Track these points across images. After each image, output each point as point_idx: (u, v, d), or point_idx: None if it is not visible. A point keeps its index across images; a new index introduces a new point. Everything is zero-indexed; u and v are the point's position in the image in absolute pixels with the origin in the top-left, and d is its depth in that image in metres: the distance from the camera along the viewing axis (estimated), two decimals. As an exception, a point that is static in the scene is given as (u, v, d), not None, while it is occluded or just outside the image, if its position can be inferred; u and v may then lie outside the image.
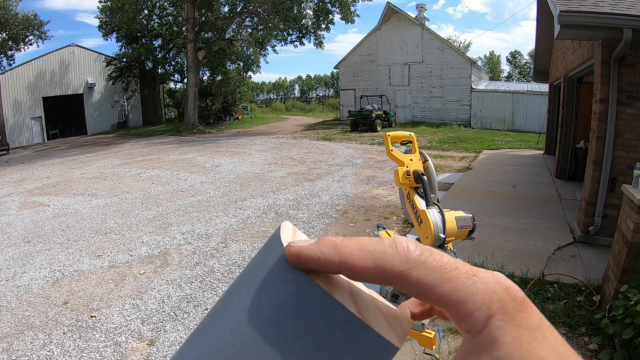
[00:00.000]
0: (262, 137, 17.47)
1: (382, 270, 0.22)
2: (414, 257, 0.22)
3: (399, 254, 0.22)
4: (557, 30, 4.23)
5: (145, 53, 24.20)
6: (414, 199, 1.71)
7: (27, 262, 4.75)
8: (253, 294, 0.24)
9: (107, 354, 2.97)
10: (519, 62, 53.02)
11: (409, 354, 2.78)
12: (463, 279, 0.22)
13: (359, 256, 0.22)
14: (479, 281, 0.22)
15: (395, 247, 0.22)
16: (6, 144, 17.88)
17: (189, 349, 0.25)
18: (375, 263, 0.22)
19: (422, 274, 0.22)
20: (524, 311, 0.21)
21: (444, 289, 0.21)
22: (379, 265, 0.22)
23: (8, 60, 22.56)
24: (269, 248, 0.26)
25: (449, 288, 0.21)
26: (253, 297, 0.24)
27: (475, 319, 0.21)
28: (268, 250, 0.26)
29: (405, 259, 0.22)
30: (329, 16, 21.51)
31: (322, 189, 7.83)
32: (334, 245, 0.23)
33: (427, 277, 0.22)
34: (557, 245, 4.60)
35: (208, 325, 0.25)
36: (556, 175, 8.18)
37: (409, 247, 0.22)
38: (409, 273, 0.22)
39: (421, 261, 0.22)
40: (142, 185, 8.66)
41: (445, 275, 0.22)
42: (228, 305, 0.25)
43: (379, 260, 0.22)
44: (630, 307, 2.52)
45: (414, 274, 0.22)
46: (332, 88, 62.66)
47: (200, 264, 4.51)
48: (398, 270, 0.22)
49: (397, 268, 0.22)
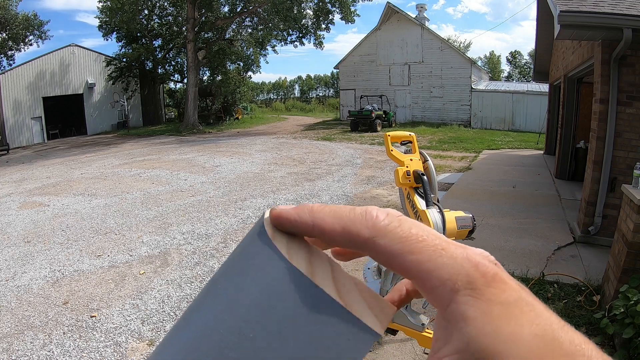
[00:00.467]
0: (262, 137, 17.48)
1: (350, 236, 0.23)
2: (381, 226, 0.22)
3: (367, 221, 0.23)
4: (557, 30, 4.23)
5: (145, 53, 24.20)
6: (414, 199, 1.71)
7: (27, 262, 4.75)
8: (237, 280, 0.25)
9: (107, 354, 2.97)
10: (519, 62, 53.04)
11: (409, 354, 2.78)
12: (430, 252, 0.21)
13: (330, 221, 0.24)
14: (447, 255, 0.21)
15: (365, 215, 0.23)
16: (6, 144, 17.88)
17: (175, 336, 0.25)
18: (343, 228, 0.23)
19: (387, 242, 0.22)
20: (495, 287, 0.20)
21: (409, 259, 0.21)
22: (347, 230, 0.23)
23: (8, 60, 22.59)
24: (253, 235, 0.27)
25: (413, 259, 0.21)
26: (237, 284, 0.24)
27: (440, 293, 0.21)
28: (252, 237, 0.26)
29: (372, 226, 0.22)
30: (329, 16, 21.52)
31: (322, 189, 7.83)
32: (310, 210, 0.24)
33: (392, 246, 0.22)
34: (557, 245, 4.60)
35: (193, 312, 0.25)
36: (556, 175, 8.18)
37: (377, 215, 0.23)
38: (375, 240, 0.22)
39: (388, 230, 0.22)
40: (142, 185, 8.66)
41: (411, 246, 0.22)
42: (212, 292, 0.25)
43: (347, 226, 0.23)
44: (630, 307, 2.52)
45: (379, 242, 0.22)
46: (332, 88, 62.69)
47: (200, 264, 4.51)
48: (364, 236, 0.22)
49: (364, 234, 0.22)
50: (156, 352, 0.25)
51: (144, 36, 25.41)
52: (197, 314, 0.25)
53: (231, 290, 0.24)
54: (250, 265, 0.25)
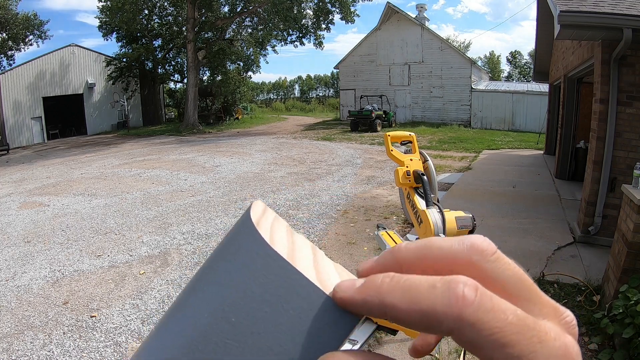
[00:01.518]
0: (262, 137, 17.47)
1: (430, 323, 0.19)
2: (471, 311, 0.18)
3: (451, 305, 0.18)
4: (557, 30, 4.23)
5: (145, 53, 24.19)
6: (414, 199, 1.71)
7: (27, 262, 4.74)
8: (223, 266, 0.25)
9: (107, 354, 2.97)
10: (519, 62, 53.03)
11: (409, 354, 2.77)
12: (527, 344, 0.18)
13: (405, 307, 0.20)
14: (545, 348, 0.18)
15: (448, 295, 0.19)
16: (6, 144, 17.88)
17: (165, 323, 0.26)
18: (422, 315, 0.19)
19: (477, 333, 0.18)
20: None
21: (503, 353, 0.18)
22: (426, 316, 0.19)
23: (8, 60, 22.60)
24: (239, 224, 0.28)
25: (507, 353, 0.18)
26: (223, 270, 0.25)
27: None
28: (238, 226, 0.27)
29: (459, 312, 0.18)
30: (329, 16, 21.52)
31: (322, 189, 7.83)
32: (377, 291, 0.21)
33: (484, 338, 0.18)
34: (557, 245, 4.60)
35: (184, 298, 0.26)
36: (556, 175, 8.18)
37: (465, 295, 0.19)
38: (462, 329, 0.19)
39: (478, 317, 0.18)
40: (142, 185, 8.66)
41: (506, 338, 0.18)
42: (200, 279, 0.26)
43: (426, 312, 0.19)
44: (630, 307, 2.52)
45: (467, 331, 0.18)
46: (332, 88, 62.67)
47: (200, 264, 4.51)
48: (449, 325, 0.19)
49: (448, 323, 0.19)
50: (148, 342, 0.26)
51: (144, 36, 25.41)
52: (187, 300, 0.26)
53: (217, 276, 0.25)
54: (235, 252, 0.26)
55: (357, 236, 5.23)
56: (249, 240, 0.26)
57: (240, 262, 0.25)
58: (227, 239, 0.27)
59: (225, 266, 0.25)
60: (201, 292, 0.25)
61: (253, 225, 0.26)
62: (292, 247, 0.26)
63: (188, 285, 0.27)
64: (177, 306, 0.26)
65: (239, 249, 0.26)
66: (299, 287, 0.24)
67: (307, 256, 0.26)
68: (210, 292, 0.25)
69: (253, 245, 0.26)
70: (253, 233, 0.26)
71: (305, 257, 0.26)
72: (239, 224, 0.27)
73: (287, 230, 0.27)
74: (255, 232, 0.26)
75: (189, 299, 0.26)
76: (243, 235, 0.26)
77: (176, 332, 0.24)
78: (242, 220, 0.27)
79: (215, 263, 0.26)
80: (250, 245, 0.26)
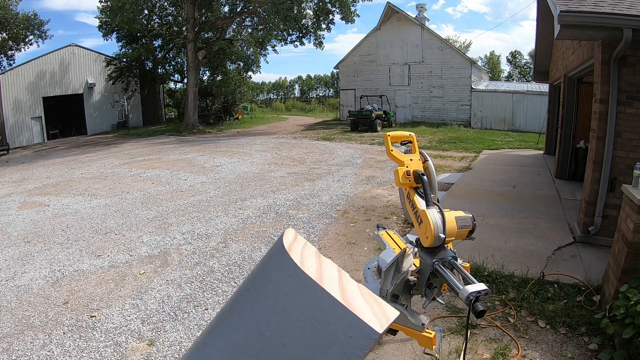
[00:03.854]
0: (262, 137, 17.47)
1: None
2: None
3: None
4: (557, 30, 4.23)
5: (145, 53, 24.19)
6: (414, 199, 1.71)
7: (27, 262, 4.75)
8: (259, 287, 0.30)
9: (107, 354, 2.97)
10: (519, 62, 52.96)
11: (409, 354, 2.78)
12: None
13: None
14: None
15: None
16: (6, 144, 17.88)
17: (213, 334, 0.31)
18: None
19: None
20: None
21: None
22: None
23: (8, 60, 22.60)
24: (273, 249, 0.32)
25: None
26: (259, 290, 0.30)
27: None
28: (273, 250, 0.32)
29: None
30: (329, 16, 21.52)
31: (322, 189, 7.83)
32: None
33: None
34: (557, 245, 4.60)
35: (222, 320, 0.31)
36: (556, 175, 8.18)
37: None
38: None
39: None
40: (142, 185, 8.66)
41: None
42: (240, 299, 0.31)
43: None
44: (630, 307, 2.52)
45: None
46: (332, 88, 62.62)
47: (200, 264, 4.51)
48: None
49: None
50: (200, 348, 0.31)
51: (144, 36, 25.40)
52: (226, 318, 0.30)
53: (254, 296, 0.30)
54: (269, 273, 0.31)
55: (357, 236, 5.23)
56: (281, 264, 0.30)
57: (274, 282, 0.29)
58: (261, 262, 0.32)
59: (260, 285, 0.30)
60: (238, 311, 0.29)
61: (285, 250, 0.31)
62: (320, 270, 0.30)
63: (227, 304, 0.32)
64: (217, 324, 0.30)
65: (273, 271, 0.30)
66: (325, 305, 0.28)
67: (333, 277, 0.29)
68: (246, 311, 0.29)
69: (285, 268, 0.30)
70: (285, 257, 0.30)
71: (331, 278, 0.29)
72: (273, 249, 0.32)
73: (316, 255, 0.32)
74: (287, 256, 0.30)
75: (228, 317, 0.30)
76: (276, 259, 0.31)
77: (217, 348, 0.28)
78: (275, 246, 0.32)
79: (251, 284, 0.31)
80: (283, 268, 0.30)
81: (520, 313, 3.26)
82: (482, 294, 1.37)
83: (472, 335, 2.96)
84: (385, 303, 0.28)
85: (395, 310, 0.28)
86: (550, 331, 3.01)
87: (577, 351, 2.78)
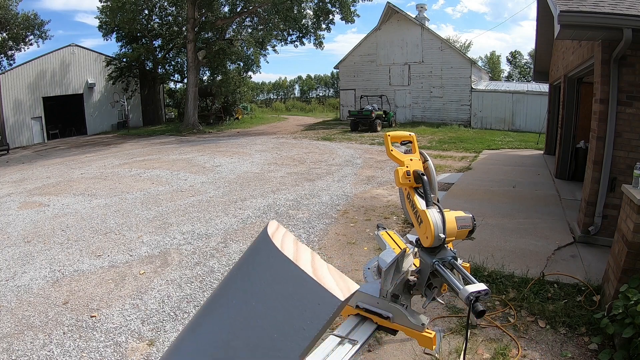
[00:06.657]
0: (262, 137, 17.47)
1: None
2: None
3: None
4: (557, 30, 4.23)
5: (145, 53, 24.19)
6: (414, 199, 1.71)
7: (27, 262, 4.74)
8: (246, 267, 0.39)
9: (107, 354, 2.97)
10: (519, 62, 52.96)
11: (409, 354, 2.78)
12: None
13: None
14: None
15: None
16: (6, 144, 17.88)
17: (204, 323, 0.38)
18: None
19: None
20: None
21: None
22: None
23: (8, 60, 22.65)
24: (259, 238, 0.41)
25: None
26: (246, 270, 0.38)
27: None
28: (258, 239, 0.41)
29: None
30: (329, 16, 21.54)
31: (322, 189, 7.83)
32: None
33: None
34: (557, 245, 4.60)
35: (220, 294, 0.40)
36: (556, 175, 8.18)
37: None
38: None
39: None
40: (142, 185, 8.66)
41: None
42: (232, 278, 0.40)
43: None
44: (630, 307, 2.52)
45: None
46: (332, 88, 62.64)
47: (200, 264, 4.51)
48: None
49: None
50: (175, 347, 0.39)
51: (144, 36, 25.40)
52: (224, 294, 0.38)
53: (244, 275, 0.38)
54: (255, 255, 0.39)
55: (357, 236, 5.23)
56: (265, 248, 0.38)
57: (260, 263, 0.37)
58: (250, 247, 0.40)
59: (249, 265, 0.38)
60: (232, 288, 0.37)
61: (269, 237, 0.38)
62: (297, 253, 0.37)
63: (221, 283, 0.40)
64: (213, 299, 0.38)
65: (259, 254, 0.38)
66: (300, 280, 0.35)
67: (307, 259, 0.37)
68: (238, 288, 0.36)
69: (269, 251, 0.38)
70: (268, 242, 0.38)
71: (305, 258, 0.36)
72: (259, 237, 0.40)
73: (294, 241, 0.40)
74: (270, 242, 0.38)
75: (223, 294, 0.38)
76: (261, 244, 0.39)
77: (216, 318, 0.35)
78: (261, 234, 0.40)
79: (241, 265, 0.39)
80: (267, 251, 0.38)
81: (520, 313, 3.26)
82: (482, 294, 1.37)
83: (472, 335, 2.96)
84: (348, 279, 0.36)
85: (356, 284, 0.36)
86: (550, 331, 3.01)
87: (577, 351, 2.78)
